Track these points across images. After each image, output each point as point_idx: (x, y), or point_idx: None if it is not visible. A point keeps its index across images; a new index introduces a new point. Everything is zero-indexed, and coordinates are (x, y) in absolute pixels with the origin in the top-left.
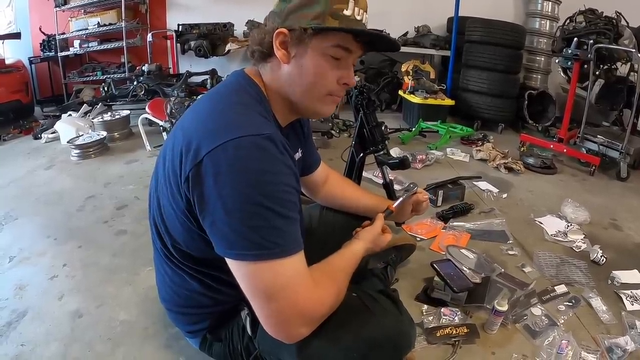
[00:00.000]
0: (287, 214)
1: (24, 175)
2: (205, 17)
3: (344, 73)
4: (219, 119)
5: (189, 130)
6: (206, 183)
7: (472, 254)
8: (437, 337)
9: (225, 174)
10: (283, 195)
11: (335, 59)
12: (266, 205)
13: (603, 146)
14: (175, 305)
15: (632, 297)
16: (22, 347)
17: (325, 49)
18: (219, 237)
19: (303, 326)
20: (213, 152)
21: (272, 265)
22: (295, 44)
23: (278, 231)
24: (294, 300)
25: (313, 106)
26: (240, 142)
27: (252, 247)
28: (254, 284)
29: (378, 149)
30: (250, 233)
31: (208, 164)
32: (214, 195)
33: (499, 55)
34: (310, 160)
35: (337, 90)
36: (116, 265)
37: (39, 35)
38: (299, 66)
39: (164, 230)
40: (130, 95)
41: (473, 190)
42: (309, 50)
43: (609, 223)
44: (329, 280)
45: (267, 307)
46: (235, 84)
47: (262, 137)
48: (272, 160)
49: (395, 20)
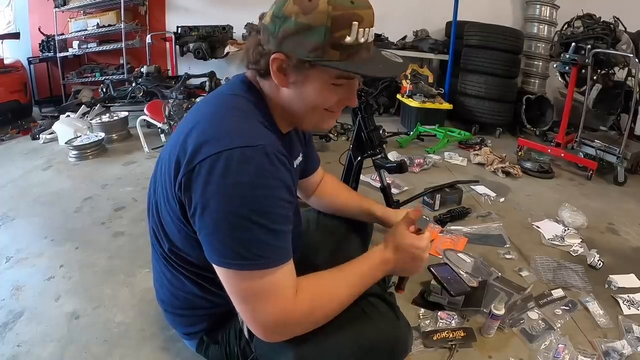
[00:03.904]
0: (275, 228)
1: (21, 176)
2: (205, 20)
3: (345, 97)
4: (216, 126)
5: (187, 135)
6: (196, 191)
7: (469, 257)
8: (434, 340)
9: (215, 185)
10: (272, 209)
11: (337, 87)
12: (253, 219)
13: (600, 150)
14: (172, 306)
15: (629, 301)
16: (18, 348)
17: (327, 80)
18: (206, 244)
19: (275, 334)
20: (206, 160)
21: (252, 275)
22: (294, 71)
23: (263, 245)
24: (265, 308)
25: (313, 123)
26: (233, 154)
27: (236, 258)
28: (232, 286)
29: (376, 153)
30: (234, 244)
31: (199, 172)
32: (202, 204)
33: (497, 60)
34: (309, 164)
35: (337, 110)
36: (113, 267)
37: (38, 35)
38: (299, 92)
39: (162, 234)
40: (128, 97)
41: (470, 194)
42: (309, 79)
43: (606, 227)
44: (315, 289)
45: (242, 308)
46: (237, 89)
47: (255, 149)
48: (263, 173)
49: (393, 24)
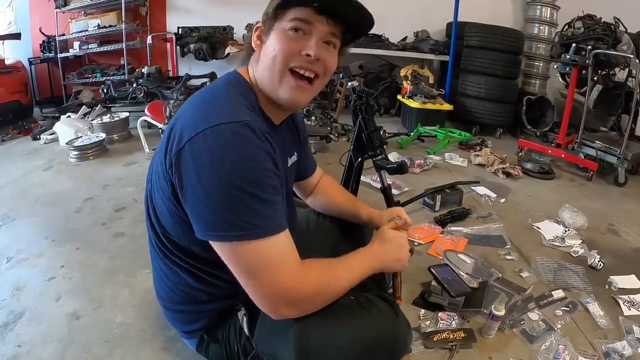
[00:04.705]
0: (266, 197)
1: (22, 176)
2: (205, 20)
3: (304, 45)
4: (203, 110)
5: (176, 119)
6: (186, 168)
7: (469, 258)
8: (434, 341)
9: (205, 160)
10: (262, 179)
11: (295, 33)
12: (244, 189)
13: (601, 151)
14: (171, 302)
15: (630, 302)
16: (19, 348)
17: (284, 26)
18: (199, 220)
19: (283, 305)
20: (194, 138)
21: (251, 245)
22: (266, 32)
23: (257, 214)
24: (273, 278)
25: (277, 88)
26: (219, 129)
27: (230, 229)
28: (235, 262)
29: (376, 154)
30: (229, 215)
31: (189, 150)
32: (194, 180)
33: (497, 61)
34: (306, 165)
35: (299, 65)
36: (114, 268)
37: (39, 36)
38: (265, 48)
39: (155, 220)
40: (129, 98)
41: (471, 195)
42: (272, 32)
43: (606, 228)
44: (318, 266)
45: (250, 283)
46: (226, 81)
47: (241, 124)
48: (250, 146)
49: (394, 25)
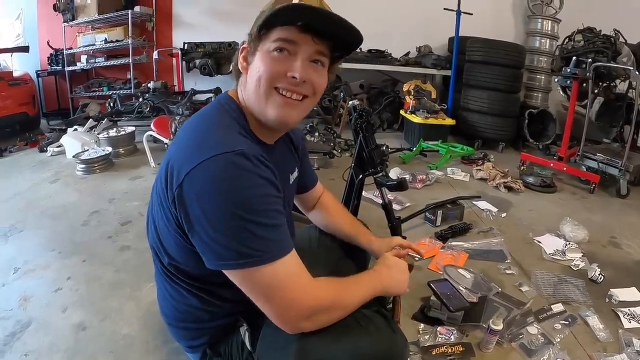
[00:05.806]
0: (269, 223)
1: (29, 188)
2: (211, 36)
3: (290, 65)
4: (196, 140)
5: (172, 152)
6: (189, 203)
7: (469, 273)
8: (433, 355)
9: (206, 193)
10: (263, 206)
11: (280, 54)
12: (248, 219)
13: (603, 163)
14: (175, 320)
15: (630, 315)
16: (25, 358)
17: (269, 47)
18: (209, 252)
19: (302, 320)
20: (192, 172)
21: (263, 270)
22: (251, 53)
23: (263, 240)
24: (289, 298)
25: (264, 108)
26: (216, 160)
27: (239, 257)
28: (250, 288)
29: (377, 171)
30: (236, 245)
31: (189, 185)
32: (198, 214)
33: (499, 75)
34: (306, 180)
35: (284, 87)
36: (119, 280)
37: (47, 49)
38: (251, 69)
39: (162, 250)
40: (135, 112)
41: (472, 209)
42: (257, 53)
43: (608, 241)
44: (330, 280)
45: (267, 306)
46: (217, 105)
47: (235, 154)
48: (247, 174)
49: (396, 40)
